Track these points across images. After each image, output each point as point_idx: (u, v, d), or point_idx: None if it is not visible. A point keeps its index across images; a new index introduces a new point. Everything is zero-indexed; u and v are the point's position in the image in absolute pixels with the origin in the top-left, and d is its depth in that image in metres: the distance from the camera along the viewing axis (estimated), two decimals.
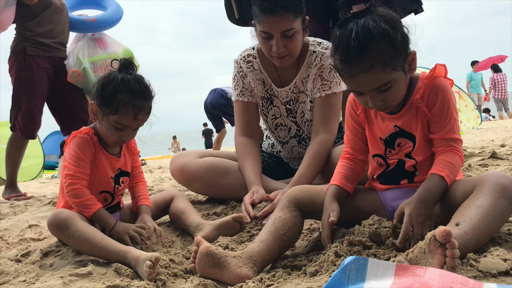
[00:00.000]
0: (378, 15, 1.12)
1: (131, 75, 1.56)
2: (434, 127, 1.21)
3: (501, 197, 1.03)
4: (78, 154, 1.54)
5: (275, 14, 1.72)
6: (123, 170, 1.69)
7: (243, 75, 2.08)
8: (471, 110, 7.85)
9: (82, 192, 1.51)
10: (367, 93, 1.16)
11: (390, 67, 1.10)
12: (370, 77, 1.11)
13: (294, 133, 2.14)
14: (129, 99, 1.51)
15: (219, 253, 1.15)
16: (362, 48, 1.08)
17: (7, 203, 2.97)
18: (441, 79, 1.21)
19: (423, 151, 1.24)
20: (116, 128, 1.55)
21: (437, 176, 1.14)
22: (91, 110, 1.58)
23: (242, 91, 2.09)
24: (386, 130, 1.28)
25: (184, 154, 2.20)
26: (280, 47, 1.79)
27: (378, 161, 1.32)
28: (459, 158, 1.19)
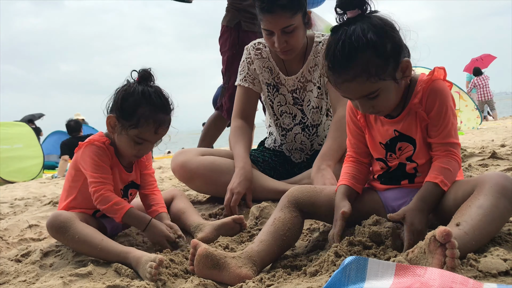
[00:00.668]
0: (369, 23, 1.11)
1: (151, 88, 1.53)
2: (431, 131, 1.21)
3: (501, 197, 1.03)
4: (97, 161, 1.51)
5: (273, 13, 1.79)
6: (134, 182, 1.67)
7: (250, 61, 2.15)
8: (471, 110, 7.85)
9: (107, 196, 1.48)
10: (355, 99, 1.17)
11: (376, 77, 1.10)
12: (354, 86, 1.12)
13: (299, 120, 2.18)
14: (150, 113, 1.49)
15: (218, 254, 1.15)
16: (347, 59, 1.09)
17: (7, 203, 2.97)
18: (439, 82, 1.20)
19: (424, 154, 1.24)
20: (136, 142, 1.52)
21: (431, 183, 1.14)
22: (109, 123, 1.54)
23: (246, 77, 2.16)
24: (386, 134, 1.27)
25: (185, 152, 2.20)
26: (281, 43, 1.87)
27: (380, 164, 1.33)
28: (455, 163, 1.18)
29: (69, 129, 6.27)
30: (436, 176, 1.15)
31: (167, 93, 1.57)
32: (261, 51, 2.15)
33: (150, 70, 1.55)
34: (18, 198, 3.31)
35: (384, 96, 1.15)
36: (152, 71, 1.56)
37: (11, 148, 5.72)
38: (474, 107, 7.91)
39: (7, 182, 5.30)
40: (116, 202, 1.48)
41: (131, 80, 1.55)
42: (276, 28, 1.84)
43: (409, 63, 1.16)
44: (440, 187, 1.14)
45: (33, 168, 5.83)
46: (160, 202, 1.71)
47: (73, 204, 1.58)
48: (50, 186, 4.29)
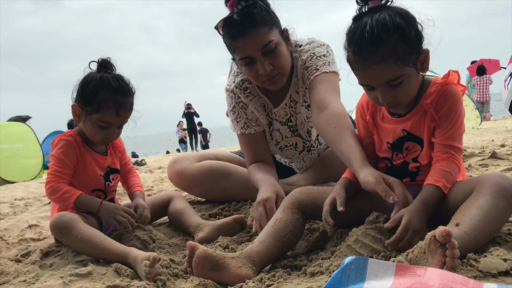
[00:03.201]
0: (394, 11, 1.12)
1: (109, 74, 1.58)
2: (437, 131, 1.21)
3: (500, 197, 1.03)
4: (60, 156, 1.57)
5: (246, 33, 1.55)
6: (112, 168, 1.72)
7: (244, 105, 1.88)
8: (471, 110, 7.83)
9: (56, 187, 1.53)
10: (378, 87, 1.16)
11: (402, 61, 1.10)
12: (381, 70, 1.11)
13: (302, 147, 2.01)
14: (109, 96, 1.54)
15: (217, 255, 1.15)
16: (376, 40, 1.09)
17: (7, 203, 2.97)
18: (453, 86, 1.20)
19: (428, 156, 1.24)
20: (100, 127, 1.57)
21: (433, 186, 1.14)
22: (74, 112, 1.60)
23: (247, 123, 1.88)
24: (394, 134, 1.28)
25: (182, 159, 2.16)
26: (266, 66, 1.60)
27: (385, 162, 1.33)
28: (456, 167, 1.18)
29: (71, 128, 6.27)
30: (438, 179, 1.15)
31: (128, 78, 1.62)
32: (250, 90, 1.87)
33: (109, 59, 1.60)
34: (18, 198, 3.31)
35: (406, 85, 1.15)
36: (111, 61, 1.60)
37: (11, 148, 5.71)
38: (473, 107, 7.91)
39: (7, 182, 5.29)
40: (66, 190, 1.53)
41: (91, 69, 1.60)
42: (255, 49, 1.57)
43: (428, 54, 1.16)
44: (441, 190, 1.14)
45: (33, 168, 5.83)
46: (136, 183, 1.80)
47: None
48: None
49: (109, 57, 1.60)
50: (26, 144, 5.96)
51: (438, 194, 1.14)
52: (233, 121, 1.92)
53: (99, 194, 1.67)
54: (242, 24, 1.55)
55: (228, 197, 2.07)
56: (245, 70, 1.67)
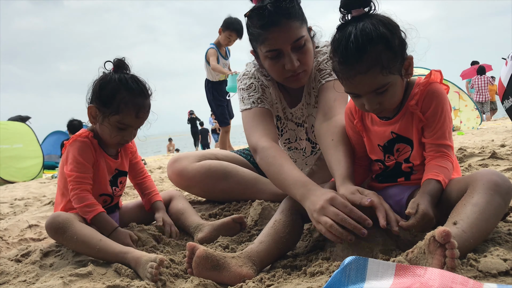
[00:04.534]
0: (377, 20, 1.13)
1: (127, 75, 1.56)
2: (426, 131, 1.22)
3: (494, 194, 1.04)
4: (78, 159, 1.54)
5: (279, 25, 1.50)
6: (120, 170, 1.70)
7: (264, 85, 1.79)
8: (471, 110, 7.84)
9: (82, 197, 1.51)
10: (364, 95, 1.17)
11: (387, 70, 1.11)
12: (367, 79, 1.12)
13: (310, 152, 2.00)
14: (129, 98, 1.52)
15: (217, 255, 1.15)
16: (360, 50, 1.10)
17: (7, 203, 2.97)
18: (436, 85, 1.21)
19: (420, 156, 1.25)
20: (119, 128, 1.55)
21: (434, 181, 1.15)
22: (90, 113, 1.57)
23: (261, 98, 1.75)
24: (384, 136, 1.28)
25: (182, 158, 2.15)
26: (294, 61, 1.55)
27: (378, 165, 1.34)
28: (450, 164, 1.20)
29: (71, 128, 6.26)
30: (437, 174, 1.16)
31: (144, 79, 1.61)
32: (270, 78, 1.78)
33: (124, 59, 1.59)
34: (18, 198, 3.31)
35: (392, 92, 1.16)
36: (126, 61, 1.59)
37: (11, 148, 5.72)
38: (474, 107, 7.91)
39: (7, 182, 5.29)
40: (89, 204, 1.51)
41: (106, 71, 1.58)
42: (286, 43, 1.52)
43: (412, 61, 1.18)
44: (441, 184, 1.15)
45: (33, 168, 5.83)
46: (153, 190, 1.79)
47: (70, 205, 1.58)
48: (50, 186, 4.29)
49: (124, 57, 1.59)
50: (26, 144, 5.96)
51: (439, 188, 1.15)
52: (244, 98, 1.78)
53: (106, 198, 1.66)
54: (276, 14, 1.50)
55: (228, 197, 2.07)
56: (270, 64, 1.60)
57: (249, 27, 1.60)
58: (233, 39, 4.64)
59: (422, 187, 1.16)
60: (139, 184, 1.81)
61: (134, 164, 1.79)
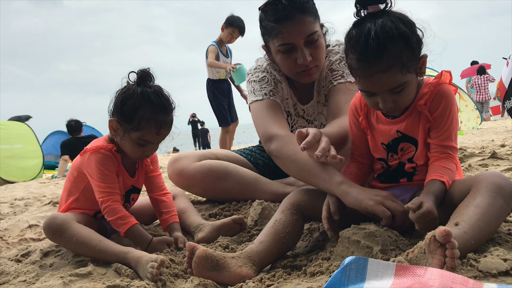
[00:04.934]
0: (395, 17, 1.12)
1: (150, 88, 1.51)
2: (432, 132, 1.21)
3: (497, 196, 1.04)
4: (103, 171, 1.50)
5: (293, 19, 1.52)
6: (135, 187, 1.66)
7: (277, 79, 1.78)
8: (471, 110, 7.85)
9: (114, 208, 1.47)
10: (380, 94, 1.15)
11: (406, 68, 1.10)
12: (386, 78, 1.11)
13: None
14: (150, 115, 1.47)
15: (217, 255, 1.15)
16: (381, 48, 1.08)
17: (7, 203, 2.97)
18: (446, 86, 1.21)
19: (424, 156, 1.25)
20: (139, 145, 1.51)
21: (438, 181, 1.15)
22: (111, 126, 1.53)
23: (273, 91, 1.75)
24: (388, 135, 1.28)
25: (182, 158, 2.15)
26: (307, 56, 1.56)
27: (381, 163, 1.34)
28: (454, 165, 1.20)
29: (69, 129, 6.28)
30: (442, 175, 1.15)
31: (168, 92, 1.55)
32: (282, 73, 1.79)
33: (149, 70, 1.53)
34: (18, 198, 3.31)
35: (407, 91, 1.15)
36: (151, 71, 1.53)
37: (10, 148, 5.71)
38: (474, 107, 7.91)
39: (7, 182, 5.29)
40: (122, 216, 1.47)
41: (130, 81, 1.53)
42: (300, 37, 1.53)
43: (426, 59, 1.17)
44: (445, 185, 1.14)
45: (33, 168, 5.83)
46: (171, 210, 1.69)
47: (75, 205, 1.58)
48: (50, 186, 4.29)
49: (149, 68, 1.53)
50: (25, 145, 5.96)
51: (443, 188, 1.14)
52: (255, 90, 1.76)
53: None
54: (290, 8, 1.51)
55: (228, 197, 2.07)
56: (282, 58, 1.61)
57: (263, 21, 1.61)
58: (235, 36, 4.65)
59: (426, 187, 1.15)
60: (157, 201, 1.70)
61: (152, 177, 1.71)
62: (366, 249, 1.09)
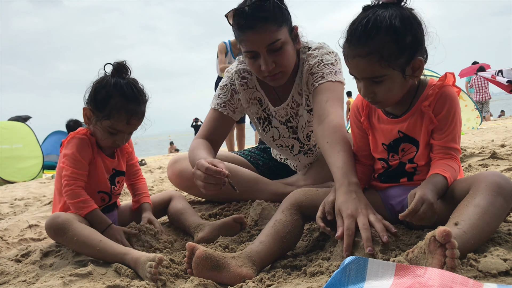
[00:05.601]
0: (398, 12, 1.12)
1: (124, 79, 1.56)
2: (436, 133, 1.21)
3: (497, 196, 1.04)
4: (76, 155, 1.54)
5: (254, 28, 1.53)
6: (118, 170, 1.70)
7: (235, 90, 1.89)
8: (471, 110, 7.84)
9: (77, 192, 1.51)
10: (361, 80, 1.18)
11: (386, 62, 1.11)
12: (363, 64, 1.13)
13: (298, 150, 2.00)
14: (121, 104, 1.52)
15: (217, 255, 1.15)
16: (366, 34, 1.11)
17: (7, 203, 2.97)
18: (450, 88, 1.21)
19: (425, 157, 1.25)
20: (110, 133, 1.56)
21: (440, 175, 1.15)
22: (85, 114, 1.58)
23: (226, 103, 1.88)
24: (390, 135, 1.28)
25: (182, 159, 2.15)
26: (269, 64, 1.58)
27: (381, 163, 1.34)
28: (457, 166, 1.20)
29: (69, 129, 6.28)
30: (444, 170, 1.16)
31: (142, 85, 1.60)
32: (247, 81, 1.87)
33: (125, 63, 1.58)
34: (18, 198, 3.31)
35: (388, 85, 1.15)
36: (127, 64, 1.58)
37: (10, 148, 5.72)
38: (474, 107, 7.91)
39: (7, 182, 5.29)
40: (84, 200, 1.51)
41: (106, 73, 1.58)
42: (261, 46, 1.55)
43: (422, 63, 1.16)
44: (447, 180, 1.14)
45: (33, 168, 5.83)
46: (143, 191, 1.78)
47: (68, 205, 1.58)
48: (50, 186, 4.29)
49: (125, 60, 1.58)
50: (25, 145, 5.96)
51: (445, 183, 1.14)
52: (215, 96, 1.92)
53: (104, 196, 1.66)
54: (252, 17, 1.53)
55: (228, 197, 2.07)
56: (249, 63, 1.66)
57: (232, 26, 1.62)
58: None
59: (427, 179, 1.15)
60: (132, 185, 1.81)
61: (129, 166, 1.80)
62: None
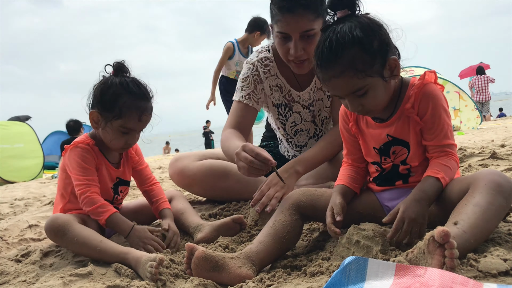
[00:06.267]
0: (356, 22, 1.12)
1: (128, 78, 1.55)
2: (427, 134, 1.21)
3: (496, 194, 1.04)
4: (81, 164, 1.52)
5: (294, 12, 1.60)
6: (122, 179, 1.68)
7: (258, 79, 1.94)
8: (471, 110, 7.84)
9: (93, 199, 1.49)
10: (345, 97, 1.17)
11: (362, 73, 1.11)
12: (341, 83, 1.13)
13: (313, 133, 2.07)
14: (131, 102, 1.51)
15: (216, 256, 1.15)
16: (333, 54, 1.10)
17: (7, 203, 2.97)
18: (431, 85, 1.20)
19: (418, 157, 1.24)
20: (122, 133, 1.53)
21: (432, 178, 1.14)
22: (92, 118, 1.56)
23: (251, 95, 1.93)
24: (379, 139, 1.27)
25: (183, 157, 2.16)
26: (299, 50, 1.66)
27: (375, 167, 1.33)
28: (454, 162, 1.19)
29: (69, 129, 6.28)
30: (437, 171, 1.15)
31: (145, 81, 1.60)
32: (270, 68, 1.94)
33: (124, 62, 1.58)
34: (18, 198, 3.31)
35: (372, 94, 1.15)
36: (126, 63, 1.58)
37: (11, 148, 5.72)
38: (474, 107, 7.91)
39: (7, 182, 5.29)
40: (101, 205, 1.49)
41: (106, 74, 1.57)
42: (296, 31, 1.63)
43: (397, 62, 1.16)
44: (440, 182, 1.14)
45: (33, 168, 5.83)
46: (161, 197, 1.74)
47: (69, 206, 1.58)
48: (50, 186, 4.29)
49: (124, 60, 1.58)
50: (26, 144, 5.97)
51: (438, 185, 1.14)
52: (238, 89, 1.96)
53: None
54: (294, 1, 1.59)
55: (229, 196, 2.07)
56: (278, 43, 1.72)
57: (271, 3, 1.69)
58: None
59: (418, 184, 1.15)
60: (147, 192, 1.76)
61: (139, 171, 1.76)
62: (366, 249, 1.09)
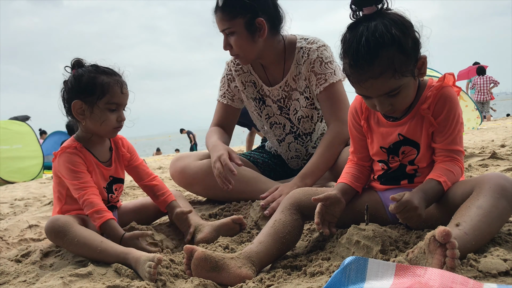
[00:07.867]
0: (389, 20, 1.09)
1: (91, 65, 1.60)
2: (437, 136, 1.20)
3: (500, 198, 1.03)
4: (72, 168, 1.52)
5: (216, 13, 1.86)
6: (115, 177, 1.68)
7: (231, 78, 2.15)
8: (471, 110, 7.83)
9: (91, 202, 1.49)
10: (375, 97, 1.14)
11: (400, 73, 1.08)
12: (379, 83, 1.09)
13: (289, 130, 2.15)
14: (108, 78, 1.55)
15: (216, 256, 1.14)
16: (372, 54, 1.06)
17: (7, 203, 2.97)
18: (449, 89, 1.19)
19: (426, 159, 1.24)
20: (110, 110, 1.55)
21: (434, 181, 1.14)
22: (76, 111, 1.55)
23: (225, 94, 2.17)
24: (390, 138, 1.27)
25: (184, 157, 2.18)
26: (225, 46, 1.89)
27: (381, 165, 1.33)
28: (459, 169, 1.19)
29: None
30: (440, 175, 1.15)
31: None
32: (242, 66, 2.12)
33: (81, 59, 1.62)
34: (18, 198, 3.31)
35: (404, 93, 1.14)
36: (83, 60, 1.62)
37: (10, 148, 5.71)
38: (474, 107, 7.91)
39: (7, 182, 5.29)
40: (97, 210, 1.48)
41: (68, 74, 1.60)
42: (219, 29, 1.87)
43: (425, 60, 1.15)
44: (442, 186, 1.14)
45: (33, 168, 5.82)
46: (166, 190, 1.75)
47: (66, 208, 1.58)
48: (50, 186, 4.29)
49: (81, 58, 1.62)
50: (26, 145, 5.96)
51: (439, 189, 1.14)
52: (219, 88, 2.21)
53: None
54: (216, 3, 1.83)
55: (229, 195, 2.07)
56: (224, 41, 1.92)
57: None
58: None
59: (420, 185, 1.15)
60: (148, 187, 1.75)
61: (135, 167, 1.76)
62: (366, 249, 1.09)
